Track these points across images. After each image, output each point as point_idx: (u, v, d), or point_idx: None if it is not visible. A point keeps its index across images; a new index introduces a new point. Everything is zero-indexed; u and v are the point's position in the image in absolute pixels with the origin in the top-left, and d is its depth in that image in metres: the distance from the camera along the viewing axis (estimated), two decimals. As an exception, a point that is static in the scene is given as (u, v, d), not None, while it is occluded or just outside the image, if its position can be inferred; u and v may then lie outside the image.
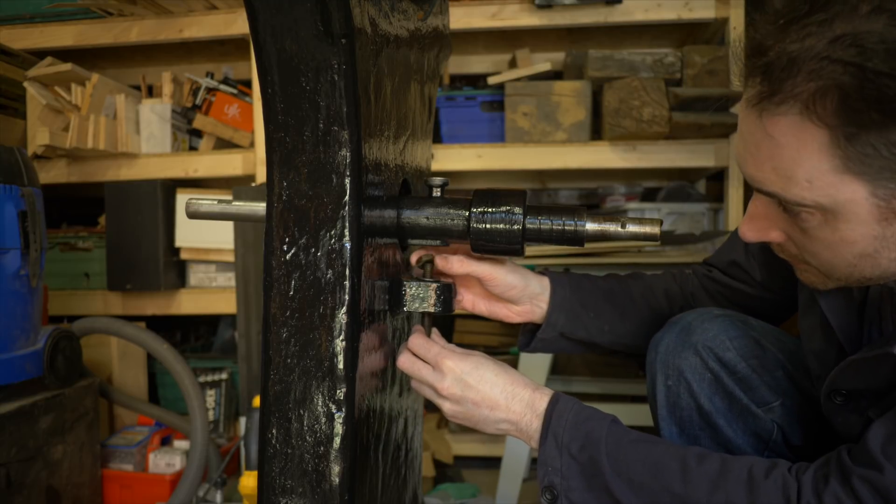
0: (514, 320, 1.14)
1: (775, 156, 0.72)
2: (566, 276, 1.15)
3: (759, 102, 0.72)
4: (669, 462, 0.86)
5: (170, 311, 2.54)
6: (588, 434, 0.90)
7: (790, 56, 0.68)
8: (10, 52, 2.51)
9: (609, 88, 2.23)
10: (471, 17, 2.35)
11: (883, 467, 0.73)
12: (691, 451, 0.87)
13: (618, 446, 0.88)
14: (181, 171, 2.48)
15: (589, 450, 0.88)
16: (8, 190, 1.71)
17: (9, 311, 1.73)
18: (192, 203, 1.00)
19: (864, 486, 0.74)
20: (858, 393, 0.86)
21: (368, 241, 0.85)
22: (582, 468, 0.88)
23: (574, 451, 0.89)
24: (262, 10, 0.78)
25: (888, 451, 0.74)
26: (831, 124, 0.67)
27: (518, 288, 1.09)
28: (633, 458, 0.87)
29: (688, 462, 0.85)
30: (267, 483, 0.81)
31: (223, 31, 2.43)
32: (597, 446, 0.88)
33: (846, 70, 0.65)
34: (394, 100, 0.96)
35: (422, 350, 0.98)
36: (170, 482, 2.09)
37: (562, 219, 0.94)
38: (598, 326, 1.14)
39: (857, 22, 0.65)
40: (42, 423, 1.77)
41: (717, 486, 0.82)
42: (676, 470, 0.85)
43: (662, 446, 0.89)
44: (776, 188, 0.74)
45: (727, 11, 2.27)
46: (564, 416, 0.92)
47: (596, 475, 0.87)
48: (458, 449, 2.42)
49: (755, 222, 0.82)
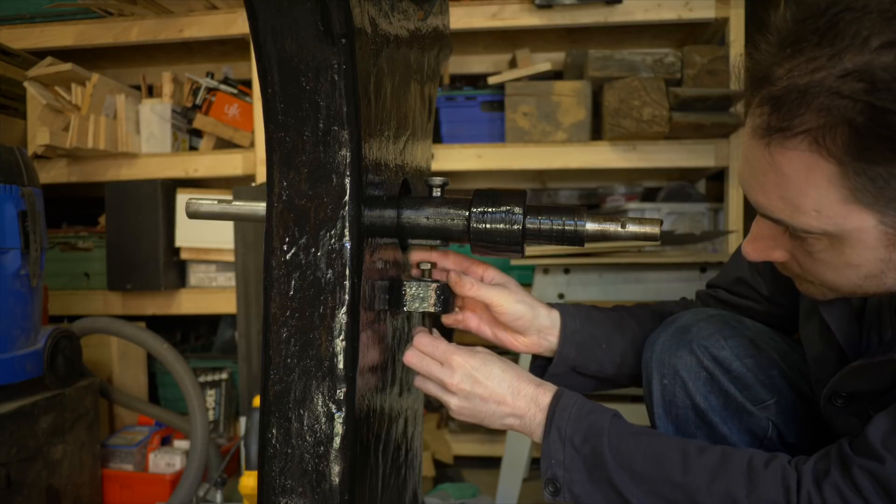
0: (519, 350, 1.13)
1: (782, 185, 0.72)
2: (576, 307, 1.14)
3: (766, 133, 0.71)
4: (670, 453, 0.86)
5: (170, 311, 2.54)
6: (590, 427, 0.90)
7: (800, 89, 0.67)
8: (10, 51, 2.51)
9: (609, 88, 2.23)
10: (471, 16, 2.35)
11: (884, 459, 0.73)
12: (692, 444, 0.88)
13: (620, 438, 0.89)
14: (181, 171, 2.48)
15: (591, 442, 0.89)
16: (8, 190, 1.71)
17: (9, 310, 1.73)
18: (192, 203, 1.00)
19: (864, 476, 0.74)
20: (860, 395, 0.86)
21: (368, 240, 0.85)
22: (584, 460, 0.89)
23: (577, 443, 0.90)
24: (263, 10, 0.78)
25: (889, 443, 0.74)
26: (841, 159, 0.67)
27: (525, 319, 1.08)
28: (634, 450, 0.88)
29: (688, 453, 0.86)
30: (267, 483, 0.81)
31: (223, 31, 2.43)
32: (599, 438, 0.89)
33: (856, 106, 0.64)
34: (394, 100, 0.96)
35: (429, 347, 0.98)
36: (170, 482, 2.09)
37: (562, 219, 0.94)
38: (610, 358, 1.13)
39: (868, 56, 0.64)
40: (42, 423, 1.77)
41: (717, 476, 0.83)
42: (677, 460, 0.85)
43: (664, 438, 0.90)
44: (783, 216, 0.75)
45: (727, 11, 2.27)
46: (568, 409, 0.93)
47: (598, 467, 0.88)
48: (458, 449, 2.42)
49: (759, 242, 0.82)
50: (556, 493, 0.91)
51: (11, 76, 2.49)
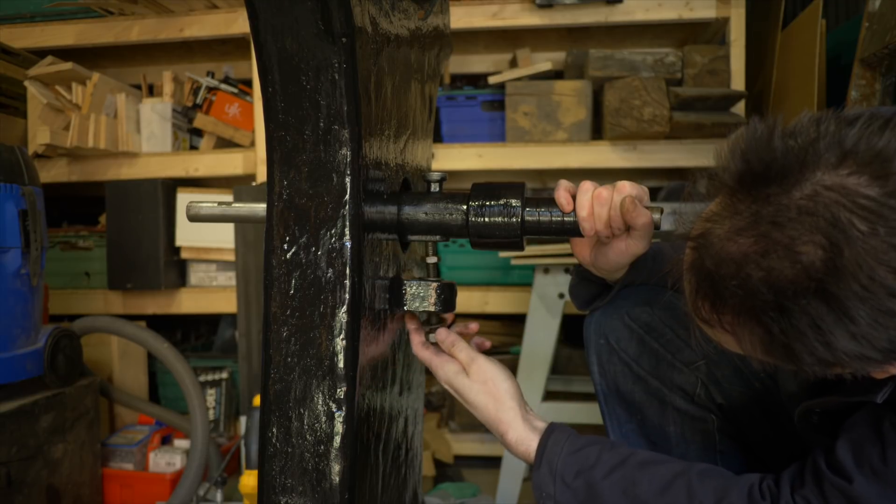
0: None
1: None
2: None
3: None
4: (674, 481, 0.87)
5: (170, 311, 2.54)
6: (583, 461, 0.91)
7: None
8: (10, 51, 2.51)
9: (610, 88, 2.23)
10: (471, 16, 2.35)
11: (853, 479, 0.76)
12: (695, 470, 0.88)
13: (613, 471, 0.90)
14: (182, 171, 2.48)
15: (584, 476, 0.90)
16: (9, 189, 1.71)
17: (9, 310, 1.73)
18: (193, 206, 1.01)
19: (834, 492, 0.77)
20: (835, 413, 0.87)
21: (368, 237, 0.85)
22: (574, 493, 0.90)
23: (568, 478, 0.91)
24: (263, 9, 0.78)
25: (857, 460, 0.76)
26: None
27: None
28: (636, 480, 0.88)
29: (691, 481, 0.86)
30: (267, 482, 0.81)
31: (224, 31, 2.43)
32: (591, 472, 0.90)
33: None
34: (394, 99, 0.96)
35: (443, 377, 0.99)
36: (170, 481, 2.09)
37: (561, 210, 0.94)
38: None
39: None
40: (42, 422, 1.77)
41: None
42: (682, 490, 0.87)
43: (664, 466, 0.90)
44: None
45: (728, 11, 2.27)
46: (560, 443, 0.93)
47: (591, 500, 0.90)
48: (459, 448, 2.42)
49: None
50: None
51: (12, 75, 2.49)
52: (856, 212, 0.61)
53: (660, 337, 1.08)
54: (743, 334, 0.69)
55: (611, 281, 1.08)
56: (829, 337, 0.63)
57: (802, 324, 0.63)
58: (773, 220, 0.64)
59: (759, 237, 0.65)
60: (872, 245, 0.60)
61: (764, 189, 0.65)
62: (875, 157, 0.62)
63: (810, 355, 0.65)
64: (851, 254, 0.60)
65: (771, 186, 0.65)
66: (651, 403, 1.09)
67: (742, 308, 0.67)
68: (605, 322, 1.11)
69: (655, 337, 1.08)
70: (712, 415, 1.08)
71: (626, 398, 1.11)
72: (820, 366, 0.66)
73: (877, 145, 0.62)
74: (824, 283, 0.61)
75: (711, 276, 0.68)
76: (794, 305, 0.63)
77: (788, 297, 0.63)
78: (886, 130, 0.63)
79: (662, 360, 1.08)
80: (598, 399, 1.14)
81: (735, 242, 0.66)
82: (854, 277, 0.60)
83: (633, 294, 1.09)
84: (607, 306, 1.11)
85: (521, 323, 2.19)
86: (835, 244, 0.61)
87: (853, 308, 0.61)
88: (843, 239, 0.61)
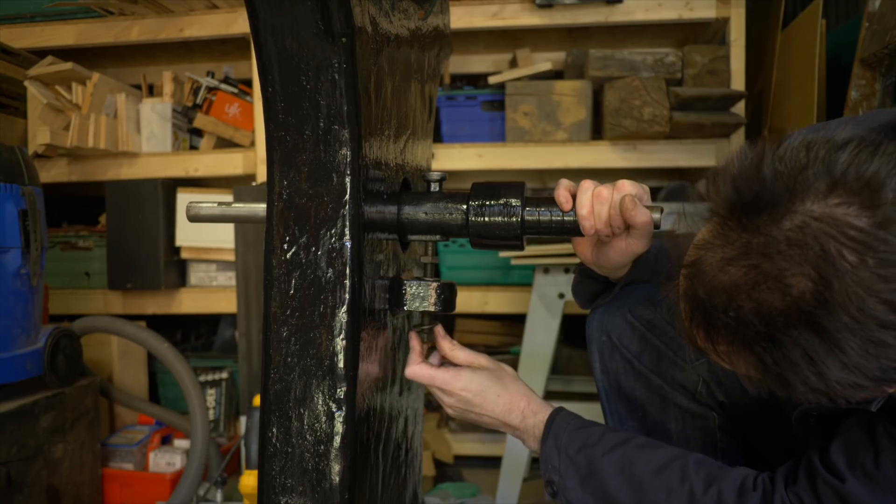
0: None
1: None
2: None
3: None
4: (670, 463, 0.90)
5: (170, 311, 2.54)
6: (586, 438, 0.95)
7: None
8: (10, 51, 2.51)
9: (610, 88, 2.23)
10: (471, 16, 2.35)
11: (845, 479, 0.77)
12: (692, 457, 0.90)
13: (612, 450, 0.93)
14: (182, 171, 2.48)
15: (586, 452, 0.94)
16: (9, 189, 1.71)
17: (9, 309, 1.73)
18: (193, 206, 1.01)
19: (827, 490, 0.79)
20: (831, 414, 0.88)
21: (368, 237, 0.85)
22: (577, 468, 0.94)
23: (571, 452, 0.94)
24: (263, 9, 0.78)
25: (850, 462, 0.78)
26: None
27: None
28: (632, 459, 0.91)
29: (686, 467, 0.88)
30: (267, 482, 0.81)
31: (224, 31, 2.43)
32: (593, 449, 0.94)
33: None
34: (394, 99, 0.96)
35: (426, 380, 1.00)
36: (170, 481, 2.09)
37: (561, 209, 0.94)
38: None
39: None
40: (42, 422, 1.77)
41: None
42: (676, 473, 0.89)
43: (661, 451, 0.92)
44: None
45: (728, 11, 2.27)
46: (567, 421, 0.97)
47: (591, 476, 0.93)
48: (459, 448, 2.42)
49: None
50: (555, 496, 0.95)
51: (12, 75, 2.49)
52: (845, 243, 0.61)
53: (662, 334, 1.08)
54: (738, 362, 0.70)
55: (613, 279, 1.08)
56: (821, 367, 0.63)
57: (794, 355, 0.64)
58: (763, 252, 0.64)
59: (749, 268, 0.65)
60: (862, 277, 0.60)
61: (754, 219, 0.65)
62: (864, 186, 0.62)
63: (803, 384, 0.65)
64: (841, 286, 0.60)
65: (761, 216, 0.65)
66: (652, 400, 1.10)
67: (735, 338, 0.67)
68: (607, 319, 1.12)
69: (657, 334, 1.09)
70: (714, 412, 1.09)
71: (627, 395, 1.12)
72: (813, 394, 0.66)
73: (866, 173, 0.62)
74: (814, 315, 0.62)
75: (704, 306, 0.68)
76: (786, 337, 0.63)
77: (779, 329, 0.63)
78: (876, 157, 0.62)
79: (664, 357, 1.09)
80: (600, 396, 1.15)
81: (726, 273, 0.66)
82: (844, 309, 0.61)
83: (635, 292, 1.09)
84: (610, 304, 1.12)
85: (521, 323, 2.19)
86: (824, 276, 0.61)
87: (844, 340, 0.61)
88: (833, 271, 0.61)
